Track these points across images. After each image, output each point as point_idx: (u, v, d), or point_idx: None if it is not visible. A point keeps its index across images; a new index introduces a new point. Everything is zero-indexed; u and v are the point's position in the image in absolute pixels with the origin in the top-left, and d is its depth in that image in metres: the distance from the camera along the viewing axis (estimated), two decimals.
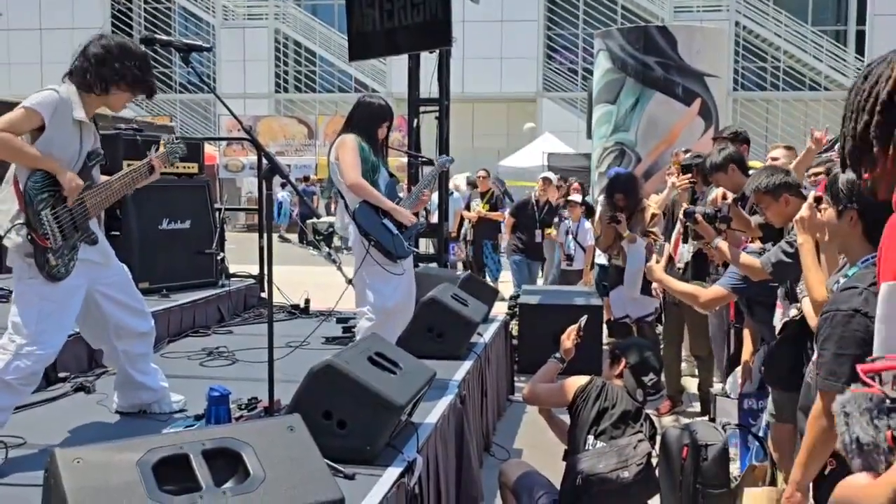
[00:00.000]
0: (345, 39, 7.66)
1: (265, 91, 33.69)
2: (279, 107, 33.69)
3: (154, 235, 6.47)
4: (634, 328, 6.98)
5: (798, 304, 3.58)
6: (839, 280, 2.65)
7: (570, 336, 3.85)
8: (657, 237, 6.59)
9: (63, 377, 4.49)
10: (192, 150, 6.56)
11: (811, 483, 2.63)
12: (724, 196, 4.98)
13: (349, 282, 4.58)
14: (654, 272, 4.51)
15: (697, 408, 6.29)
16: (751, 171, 5.17)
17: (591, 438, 3.43)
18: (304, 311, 6.89)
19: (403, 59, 7.54)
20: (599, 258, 8.32)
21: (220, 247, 7.00)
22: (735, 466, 4.30)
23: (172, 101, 33.60)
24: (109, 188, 3.61)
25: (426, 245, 8.69)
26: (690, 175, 6.03)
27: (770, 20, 30.53)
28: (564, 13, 32.17)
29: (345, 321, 5.93)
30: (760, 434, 4.15)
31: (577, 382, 3.59)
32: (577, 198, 9.85)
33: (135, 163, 3.97)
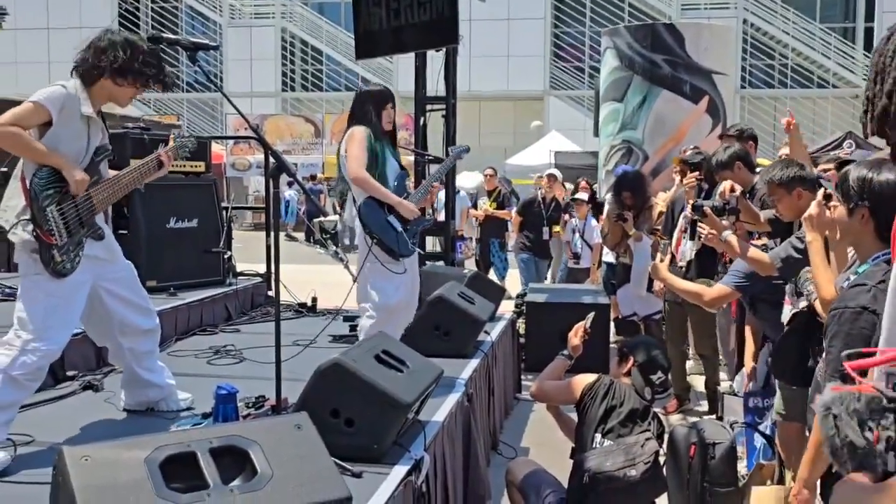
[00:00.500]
0: (351, 38, 7.65)
1: (272, 90, 33.75)
2: (286, 105, 33.76)
3: (161, 234, 6.49)
4: (642, 326, 6.98)
5: (807, 296, 3.57)
6: (849, 277, 2.63)
7: (578, 333, 3.85)
8: (662, 236, 6.57)
9: (71, 375, 4.49)
10: (200, 149, 6.57)
11: (819, 480, 2.62)
12: (733, 189, 4.96)
13: (356, 280, 4.58)
14: (659, 271, 4.49)
15: (705, 406, 6.27)
16: (758, 169, 5.16)
17: (599, 436, 3.42)
18: (312, 310, 6.91)
19: (410, 58, 7.53)
20: (607, 256, 8.32)
21: (228, 245, 7.02)
22: (743, 465, 4.29)
23: (179, 100, 33.69)
24: (118, 183, 3.59)
25: (433, 243, 8.69)
26: (698, 172, 6.01)
27: (778, 17, 30.44)
28: (571, 11, 32.13)
29: (352, 319, 5.91)
30: (767, 432, 4.14)
31: (585, 380, 3.58)
32: (584, 196, 9.83)
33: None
